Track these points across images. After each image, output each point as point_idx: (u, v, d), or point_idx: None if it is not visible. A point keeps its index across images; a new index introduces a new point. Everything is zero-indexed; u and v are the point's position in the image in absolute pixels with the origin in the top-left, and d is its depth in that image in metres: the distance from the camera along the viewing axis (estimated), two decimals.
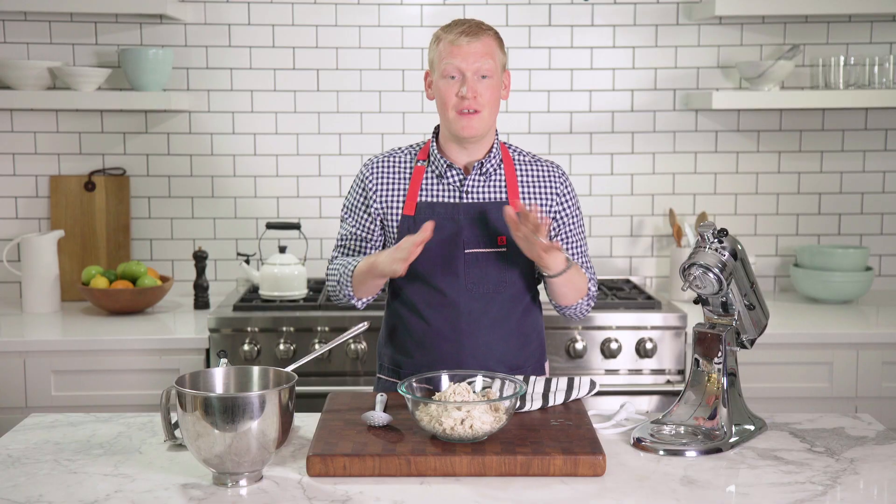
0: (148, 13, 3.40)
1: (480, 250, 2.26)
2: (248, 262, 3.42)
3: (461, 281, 2.26)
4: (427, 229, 2.12)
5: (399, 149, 2.38)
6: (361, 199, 2.34)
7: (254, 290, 3.42)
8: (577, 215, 2.37)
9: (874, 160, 3.68)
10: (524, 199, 2.31)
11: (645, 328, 3.12)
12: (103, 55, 3.52)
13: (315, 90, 3.58)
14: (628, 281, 3.61)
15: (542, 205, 2.32)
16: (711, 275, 1.98)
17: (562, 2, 3.57)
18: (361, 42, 3.56)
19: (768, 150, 3.66)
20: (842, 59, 3.49)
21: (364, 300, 2.34)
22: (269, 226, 3.37)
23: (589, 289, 2.34)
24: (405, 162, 2.34)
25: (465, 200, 2.28)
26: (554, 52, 3.60)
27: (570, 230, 2.36)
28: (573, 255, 2.37)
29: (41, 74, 3.38)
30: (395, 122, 3.59)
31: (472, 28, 2.21)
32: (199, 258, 3.37)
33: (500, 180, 2.30)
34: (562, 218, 2.35)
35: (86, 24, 3.50)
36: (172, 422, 1.92)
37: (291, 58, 3.56)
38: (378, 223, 2.33)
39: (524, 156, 2.36)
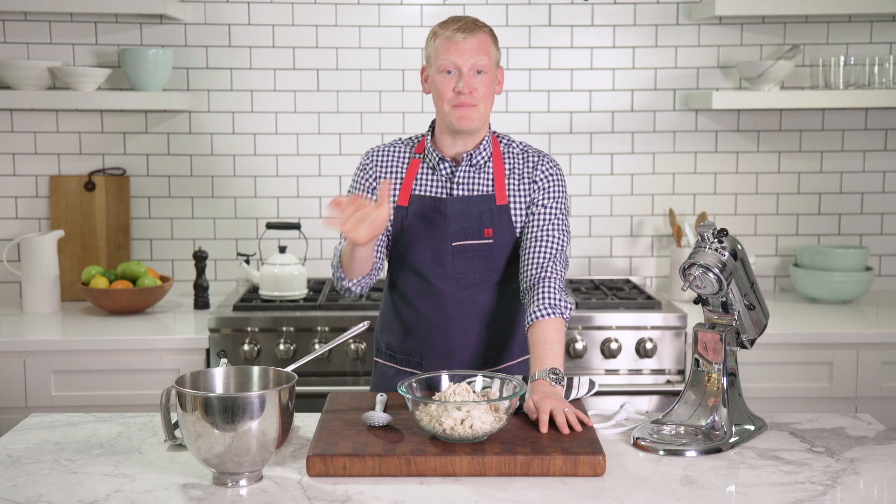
0: (148, 13, 3.40)
1: (467, 242, 2.31)
2: (248, 262, 3.42)
3: (449, 272, 2.32)
4: (384, 189, 2.12)
5: (399, 140, 2.44)
6: (370, 182, 2.38)
7: (254, 290, 3.42)
8: (551, 198, 2.32)
9: (874, 160, 3.68)
10: (509, 190, 2.34)
11: (645, 328, 3.12)
12: (103, 55, 3.52)
13: (315, 90, 3.58)
14: (628, 281, 3.61)
15: (521, 195, 2.34)
16: (711, 275, 1.98)
17: (562, 2, 3.56)
18: (361, 42, 3.56)
19: (768, 150, 3.66)
20: (842, 59, 3.49)
21: (355, 281, 2.30)
22: (269, 226, 3.37)
23: (563, 314, 2.21)
24: (403, 154, 2.39)
25: (454, 194, 2.33)
26: (554, 52, 3.59)
27: (543, 216, 2.31)
28: (545, 244, 2.30)
29: (41, 74, 3.38)
30: (395, 122, 3.59)
31: (468, 25, 2.28)
32: (199, 258, 3.37)
33: (488, 174, 2.34)
34: (535, 202, 2.33)
35: (86, 24, 3.50)
36: (172, 422, 1.92)
37: (291, 58, 3.56)
38: None
39: (515, 148, 2.39)
